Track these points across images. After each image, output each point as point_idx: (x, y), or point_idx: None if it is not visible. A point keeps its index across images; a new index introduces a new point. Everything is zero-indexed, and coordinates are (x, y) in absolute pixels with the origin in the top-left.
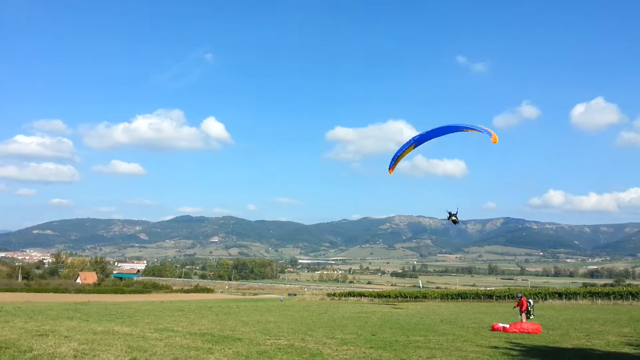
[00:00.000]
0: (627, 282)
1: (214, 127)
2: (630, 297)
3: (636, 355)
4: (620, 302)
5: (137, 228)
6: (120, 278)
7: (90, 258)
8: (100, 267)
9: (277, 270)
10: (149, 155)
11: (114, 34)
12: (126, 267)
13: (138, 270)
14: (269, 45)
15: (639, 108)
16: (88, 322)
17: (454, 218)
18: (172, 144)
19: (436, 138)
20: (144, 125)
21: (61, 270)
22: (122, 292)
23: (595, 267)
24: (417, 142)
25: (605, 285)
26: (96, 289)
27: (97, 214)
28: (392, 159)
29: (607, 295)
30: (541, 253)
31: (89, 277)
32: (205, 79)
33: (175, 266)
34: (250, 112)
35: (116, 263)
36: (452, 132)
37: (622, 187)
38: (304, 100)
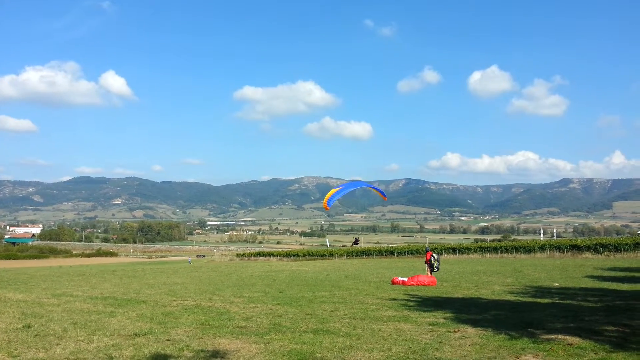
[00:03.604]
0: (513, 237)
1: (114, 82)
2: (515, 250)
3: (515, 302)
4: (506, 255)
5: (30, 189)
6: (13, 243)
7: None
8: None
9: (185, 232)
10: (41, 110)
11: None
12: (19, 231)
13: (33, 235)
14: None
15: (529, 77)
16: None
17: (359, 243)
18: (67, 99)
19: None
20: (34, 77)
21: None
22: (16, 257)
23: (485, 224)
24: (347, 190)
25: (493, 240)
26: None
27: None
28: (330, 200)
29: (494, 249)
30: (439, 212)
31: None
32: (103, 29)
33: (75, 230)
34: (155, 68)
35: (7, 227)
36: (364, 186)
37: (511, 150)
38: (213, 58)
